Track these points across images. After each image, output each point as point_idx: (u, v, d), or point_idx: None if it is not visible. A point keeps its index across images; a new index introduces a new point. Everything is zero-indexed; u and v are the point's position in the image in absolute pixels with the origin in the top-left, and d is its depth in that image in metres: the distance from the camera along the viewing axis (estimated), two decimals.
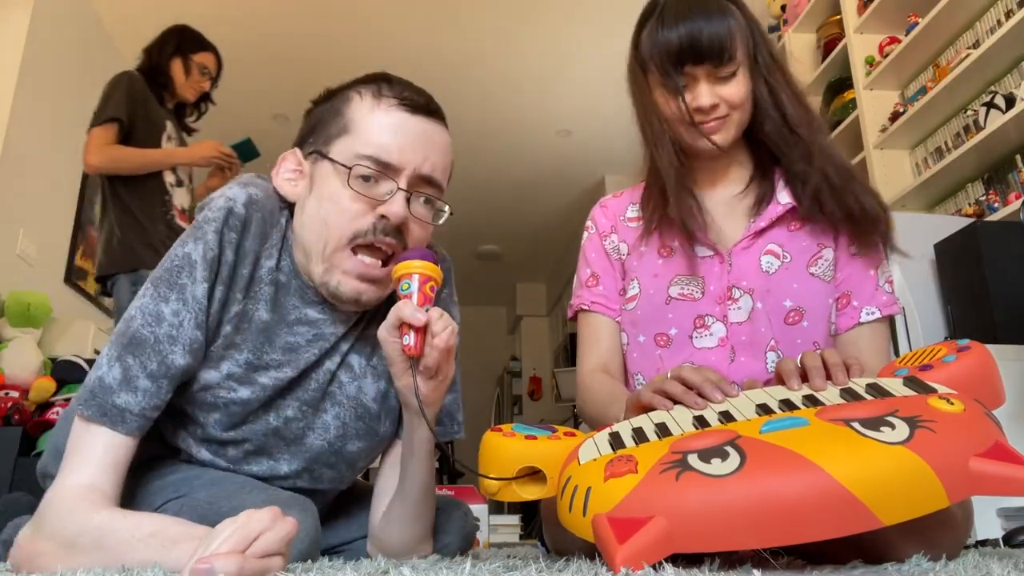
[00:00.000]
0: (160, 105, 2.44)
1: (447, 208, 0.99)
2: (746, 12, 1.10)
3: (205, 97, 2.60)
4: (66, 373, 2.45)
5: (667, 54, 1.05)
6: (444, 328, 0.86)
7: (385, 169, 0.92)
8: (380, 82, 0.97)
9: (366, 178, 0.91)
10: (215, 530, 0.63)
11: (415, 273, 0.87)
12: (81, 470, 0.79)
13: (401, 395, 0.91)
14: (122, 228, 2.26)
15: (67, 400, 2.32)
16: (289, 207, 0.98)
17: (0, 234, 2.87)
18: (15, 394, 2.33)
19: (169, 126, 2.43)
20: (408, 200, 0.93)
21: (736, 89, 1.07)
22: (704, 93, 1.06)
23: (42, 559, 0.75)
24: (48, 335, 2.78)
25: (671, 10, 1.06)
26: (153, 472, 0.92)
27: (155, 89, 2.43)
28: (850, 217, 1.08)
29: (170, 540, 0.70)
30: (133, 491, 0.88)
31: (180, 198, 2.43)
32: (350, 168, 0.91)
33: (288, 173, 0.98)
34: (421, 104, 0.96)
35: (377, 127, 0.93)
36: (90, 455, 0.80)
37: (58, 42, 3.28)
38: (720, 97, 1.06)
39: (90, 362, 2.46)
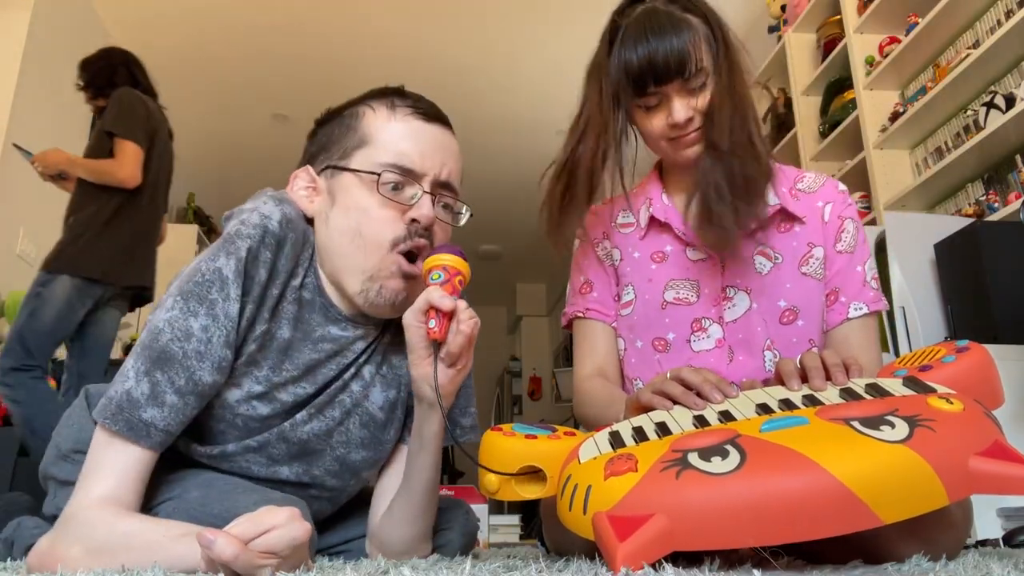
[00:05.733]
0: None
1: (465, 209, 1.02)
2: (711, 19, 1.07)
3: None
4: None
5: (632, 78, 1.04)
6: (470, 317, 0.88)
7: (408, 175, 0.94)
8: (391, 95, 0.99)
9: (392, 185, 0.93)
10: (237, 520, 0.65)
11: (446, 265, 0.89)
12: (103, 482, 0.79)
13: (416, 385, 0.91)
14: None
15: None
16: (310, 223, 0.98)
17: (0, 234, 2.87)
18: None
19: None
20: (432, 203, 0.95)
21: (708, 99, 1.05)
22: (678, 108, 1.04)
23: (67, 564, 0.73)
24: None
25: (630, 35, 1.05)
26: None
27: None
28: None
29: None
30: None
31: None
32: (379, 175, 0.92)
33: (302, 190, 0.98)
34: (434, 113, 0.99)
35: (396, 136, 0.95)
36: (113, 468, 0.79)
37: (58, 42, 3.28)
38: (695, 109, 1.05)
39: None
